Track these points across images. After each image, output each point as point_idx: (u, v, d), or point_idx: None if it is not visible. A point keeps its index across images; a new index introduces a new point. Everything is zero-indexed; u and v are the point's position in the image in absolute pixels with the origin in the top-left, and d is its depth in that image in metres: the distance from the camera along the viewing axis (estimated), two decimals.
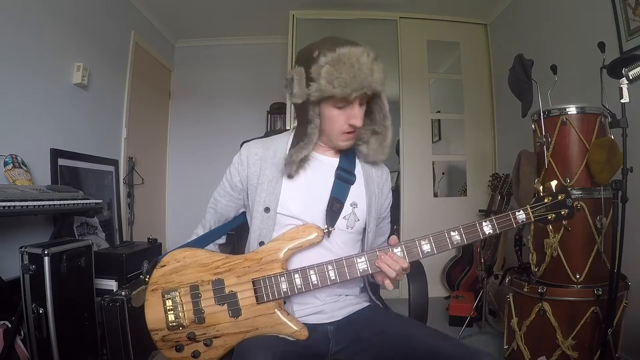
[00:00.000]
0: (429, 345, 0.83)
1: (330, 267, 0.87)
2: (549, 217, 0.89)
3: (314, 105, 0.89)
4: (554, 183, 0.91)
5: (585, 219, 1.51)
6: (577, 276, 1.51)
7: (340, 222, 0.95)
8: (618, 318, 1.45)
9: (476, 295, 2.42)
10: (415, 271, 1.05)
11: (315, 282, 0.87)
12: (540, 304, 1.52)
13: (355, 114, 0.90)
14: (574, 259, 1.52)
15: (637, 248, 1.65)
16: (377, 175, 1.04)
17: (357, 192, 0.98)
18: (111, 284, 1.87)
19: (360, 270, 0.87)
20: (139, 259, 2.06)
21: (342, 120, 0.91)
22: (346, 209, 0.96)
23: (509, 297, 1.68)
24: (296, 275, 0.88)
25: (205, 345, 0.90)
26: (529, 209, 0.89)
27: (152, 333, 0.92)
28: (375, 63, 0.88)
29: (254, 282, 0.89)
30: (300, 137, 0.94)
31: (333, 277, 0.87)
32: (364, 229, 1.00)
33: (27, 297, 1.43)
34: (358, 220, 0.97)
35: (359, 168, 1.02)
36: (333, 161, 1.00)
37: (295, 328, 0.88)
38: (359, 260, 0.88)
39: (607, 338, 1.37)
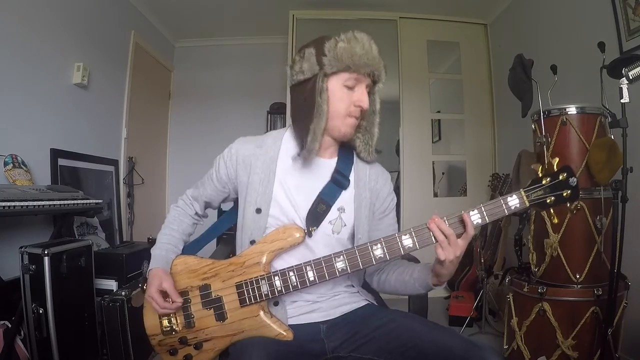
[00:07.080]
0: (433, 338, 0.83)
1: (309, 268, 0.86)
2: (548, 201, 0.79)
3: (322, 79, 0.88)
4: (555, 160, 0.79)
5: (585, 219, 1.51)
6: (577, 276, 1.50)
7: (326, 227, 0.94)
8: (618, 318, 1.45)
9: (476, 295, 2.42)
10: None
11: (295, 284, 0.86)
12: (540, 304, 1.52)
13: (363, 96, 0.91)
14: (574, 259, 1.52)
15: (637, 248, 1.65)
16: (373, 179, 1.01)
17: (346, 197, 0.97)
18: (111, 284, 1.87)
19: (339, 270, 0.85)
20: (139, 259, 2.06)
21: (349, 100, 0.91)
22: (333, 214, 0.95)
23: (509, 297, 1.68)
24: (276, 278, 0.88)
25: (196, 348, 0.92)
26: (522, 192, 0.80)
27: (150, 338, 0.96)
28: (379, 54, 0.91)
29: (237, 286, 0.90)
30: (306, 116, 0.89)
31: (312, 278, 0.85)
32: (353, 234, 0.97)
33: (27, 297, 1.44)
34: (345, 225, 0.95)
35: (353, 172, 1.00)
36: (330, 162, 0.98)
37: (279, 330, 0.88)
38: (337, 259, 0.85)
39: (607, 338, 1.37)
